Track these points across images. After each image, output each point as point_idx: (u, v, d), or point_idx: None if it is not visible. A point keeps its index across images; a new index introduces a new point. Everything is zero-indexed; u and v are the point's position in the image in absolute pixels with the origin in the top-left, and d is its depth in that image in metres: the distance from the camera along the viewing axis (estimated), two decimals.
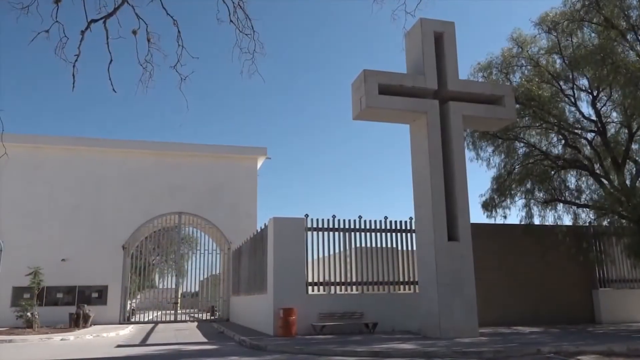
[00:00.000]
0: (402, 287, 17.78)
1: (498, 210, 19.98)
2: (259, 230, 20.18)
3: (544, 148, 19.99)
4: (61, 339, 17.22)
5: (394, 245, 18.08)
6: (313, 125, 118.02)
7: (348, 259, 17.69)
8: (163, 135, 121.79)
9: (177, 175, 28.70)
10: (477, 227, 17.17)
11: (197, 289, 33.11)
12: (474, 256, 14.70)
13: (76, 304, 24.55)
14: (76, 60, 6.80)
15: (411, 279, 17.78)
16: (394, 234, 18.08)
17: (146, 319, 28.33)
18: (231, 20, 7.09)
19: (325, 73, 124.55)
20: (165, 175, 28.51)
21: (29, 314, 20.88)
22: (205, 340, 16.67)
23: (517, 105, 17.55)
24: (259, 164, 30.82)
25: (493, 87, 16.73)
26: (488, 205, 19.95)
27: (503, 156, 20.16)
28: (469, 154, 19.59)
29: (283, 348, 12.54)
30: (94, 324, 23.16)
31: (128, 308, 27.66)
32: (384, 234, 18.00)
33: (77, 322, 21.78)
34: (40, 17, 7.09)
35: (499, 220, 20.01)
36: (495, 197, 19.92)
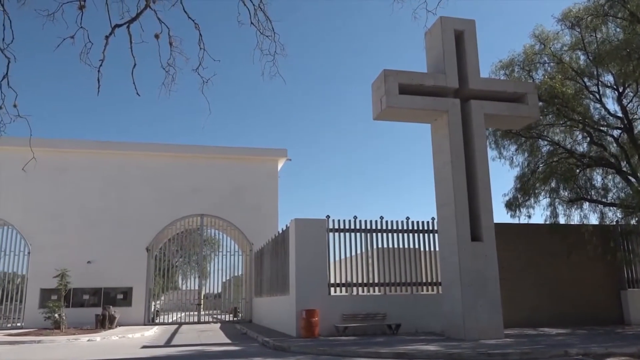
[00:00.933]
0: (425, 288, 17.65)
1: (522, 209, 19.72)
2: (280, 231, 20.24)
3: (569, 146, 19.65)
4: (88, 340, 17.51)
5: (416, 246, 17.96)
6: (333, 126, 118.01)
7: (370, 260, 17.63)
8: (185, 137, 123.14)
9: (199, 177, 28.96)
10: (501, 227, 16.96)
11: (219, 291, 33.35)
12: (497, 256, 14.52)
13: (102, 305, 24.95)
14: (101, 65, 6.92)
15: (434, 280, 17.64)
16: (416, 235, 17.95)
17: (170, 320, 28.68)
18: (252, 23, 7.13)
19: (345, 73, 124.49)
20: (188, 178, 28.80)
21: (56, 315, 21.28)
22: (228, 341, 16.77)
23: (540, 103, 17.30)
24: (280, 165, 30.93)
25: (515, 84, 16.50)
26: (512, 205, 19.70)
27: (526, 155, 19.89)
28: (491, 152, 19.40)
29: (306, 349, 12.55)
30: (120, 325, 23.50)
31: (152, 309, 28.00)
32: (405, 235, 17.89)
33: (103, 323, 22.12)
34: (66, 23, 7.23)
35: (523, 220, 19.75)
36: (519, 196, 19.66)
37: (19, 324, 25.62)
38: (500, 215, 24.48)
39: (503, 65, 18.94)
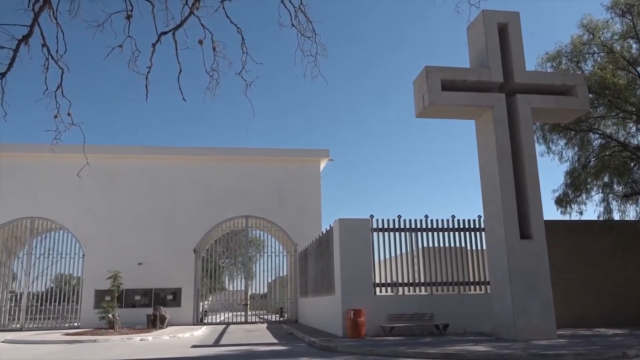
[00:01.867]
0: (472, 287, 17.32)
1: (573, 205, 19.10)
2: (324, 231, 20.30)
3: (622, 139, 18.88)
4: (140, 339, 18.05)
5: (463, 245, 17.65)
6: (375, 125, 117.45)
7: (415, 260, 17.45)
8: (229, 140, 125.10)
9: (244, 179, 29.39)
10: (552, 224, 16.43)
11: (265, 291, 33.76)
12: (548, 254, 14.08)
13: (152, 305, 25.67)
14: (148, 72, 7.14)
15: (482, 279, 17.28)
16: (462, 233, 17.65)
17: (218, 320, 29.23)
18: (293, 25, 7.18)
19: (386, 71, 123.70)
20: (232, 180, 29.28)
21: (110, 315, 22.04)
22: (275, 341, 16.94)
23: (590, 95, 16.68)
24: (322, 165, 31.02)
25: (563, 76, 15.96)
26: (562, 201, 19.09)
27: (576, 149, 19.23)
28: (539, 148, 18.86)
29: (353, 349, 12.53)
30: (170, 325, 24.12)
31: (201, 310, 28.61)
32: (451, 233, 17.61)
33: (154, 323, 22.75)
34: (114, 33, 7.48)
35: (575, 217, 19.11)
36: (570, 192, 19.03)
37: (75, 324, 26.70)
38: (550, 212, 23.83)
39: (550, 57, 18.38)
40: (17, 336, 20.54)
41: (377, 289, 16.75)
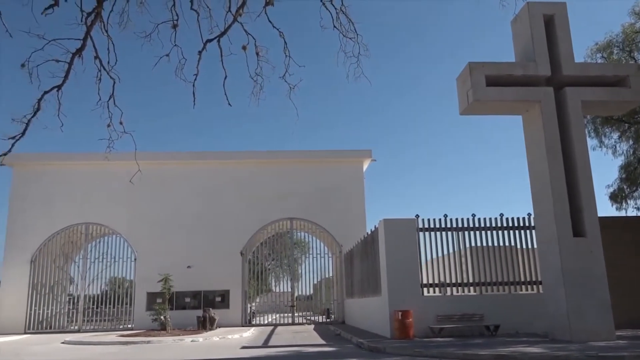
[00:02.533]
0: (523, 287, 16.86)
1: (629, 201, 18.36)
2: (369, 232, 20.22)
3: None
4: (191, 341, 18.48)
5: (512, 244, 17.21)
6: (419, 124, 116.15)
7: (463, 259, 17.14)
8: (274, 143, 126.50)
9: (287, 181, 29.64)
10: (605, 221, 15.78)
11: (310, 292, 33.91)
12: (604, 252, 13.54)
13: (202, 307, 26.24)
14: (195, 79, 7.32)
15: (533, 279, 16.80)
16: (511, 232, 17.21)
17: (265, 322, 29.59)
18: (335, 26, 7.20)
19: (429, 69, 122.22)
20: (276, 182, 29.58)
21: (162, 317, 22.67)
22: (323, 342, 16.99)
23: None
24: (365, 166, 30.93)
25: (615, 67, 15.32)
26: (617, 197, 18.38)
27: (631, 142, 18.46)
28: (590, 142, 18.23)
29: (402, 351, 12.42)
30: (219, 326, 24.59)
31: (249, 311, 29.03)
32: (500, 232, 17.21)
33: (204, 324, 23.25)
34: (161, 42, 7.70)
35: (631, 212, 18.37)
36: (625, 187, 18.30)
37: (129, 325, 27.59)
38: (604, 208, 22.93)
39: (600, 48, 17.72)
40: (76, 337, 21.42)
41: (425, 289, 16.55)
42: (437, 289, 16.75)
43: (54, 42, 6.89)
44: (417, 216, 17.09)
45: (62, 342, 19.74)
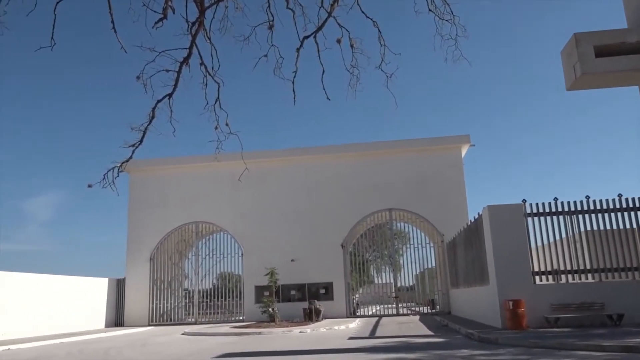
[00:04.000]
0: None
1: None
2: (472, 220, 19.59)
3: None
4: (300, 332, 19.04)
5: (634, 226, 15.84)
6: (518, 103, 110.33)
7: (577, 244, 16.08)
8: (372, 134, 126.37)
9: (384, 172, 29.48)
10: None
11: (412, 283, 33.56)
12: None
13: (307, 299, 26.94)
14: (294, 76, 7.50)
15: None
16: (632, 213, 15.85)
17: (369, 313, 29.75)
18: (430, 10, 7.03)
19: (527, 45, 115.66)
20: (373, 174, 29.53)
21: (270, 309, 23.58)
22: (430, 333, 16.76)
23: None
24: (464, 152, 29.96)
25: None
26: None
27: None
28: None
29: (515, 341, 11.92)
30: (324, 318, 25.11)
31: (352, 303, 29.34)
32: (619, 214, 15.91)
33: (310, 316, 23.86)
34: (258, 44, 7.97)
35: None
36: None
37: (240, 317, 29.03)
38: None
39: None
40: (194, 329, 22.93)
41: (537, 277, 15.75)
42: (549, 277, 15.87)
43: (163, 53, 7.39)
44: (524, 201, 16.29)
45: (182, 334, 21.19)
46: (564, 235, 16.19)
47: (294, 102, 7.53)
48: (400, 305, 29.70)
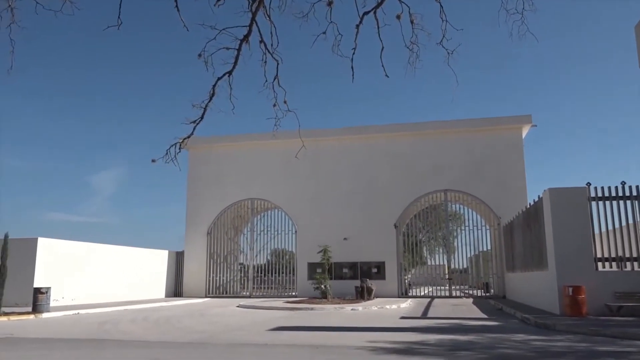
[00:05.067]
0: None
1: None
2: (531, 203, 18.98)
3: None
4: (351, 309, 19.23)
5: None
6: (585, 83, 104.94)
7: None
8: (431, 113, 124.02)
9: (441, 153, 28.95)
10: None
11: (465, 265, 33.04)
12: None
13: (359, 278, 27.10)
14: (354, 54, 7.43)
15: None
16: None
17: (421, 294, 29.60)
18: None
19: (599, 20, 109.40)
20: (429, 154, 29.06)
21: (323, 286, 23.90)
22: (484, 316, 16.52)
23: None
24: (524, 133, 28.90)
25: None
26: None
27: None
28: None
29: (575, 329, 11.57)
30: (376, 297, 25.21)
31: (404, 283, 29.26)
32: None
33: (362, 294, 24.01)
34: (317, 20, 7.92)
35: None
36: None
37: (293, 293, 29.59)
38: None
39: None
40: (248, 302, 23.61)
41: (600, 264, 15.15)
42: (613, 264, 15.23)
43: (224, 31, 7.47)
44: (589, 184, 15.62)
45: (237, 306, 21.88)
46: (630, 221, 15.45)
47: (352, 80, 7.49)
48: (453, 287, 29.37)
